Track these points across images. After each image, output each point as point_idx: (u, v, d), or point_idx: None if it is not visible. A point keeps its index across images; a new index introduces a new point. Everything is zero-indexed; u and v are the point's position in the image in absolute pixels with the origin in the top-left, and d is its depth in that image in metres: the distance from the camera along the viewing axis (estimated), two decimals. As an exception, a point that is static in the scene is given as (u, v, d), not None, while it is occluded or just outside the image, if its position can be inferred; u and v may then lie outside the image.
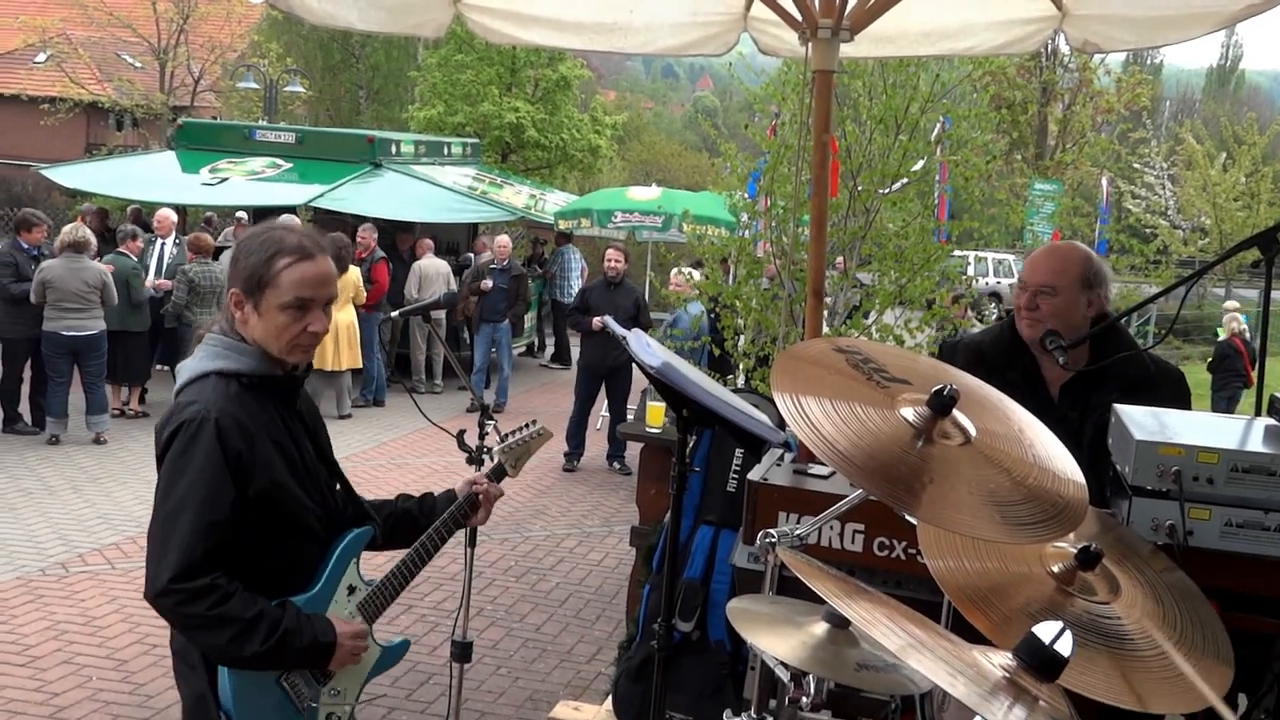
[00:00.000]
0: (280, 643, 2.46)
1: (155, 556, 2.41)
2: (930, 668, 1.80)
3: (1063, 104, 25.30)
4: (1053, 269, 3.33)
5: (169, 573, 2.37)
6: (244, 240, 2.64)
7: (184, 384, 2.56)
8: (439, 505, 3.01)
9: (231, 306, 2.58)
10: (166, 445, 2.47)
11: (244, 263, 2.56)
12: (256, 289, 2.54)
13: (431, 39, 5.43)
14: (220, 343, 2.57)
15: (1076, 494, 2.31)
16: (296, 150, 14.89)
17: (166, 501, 2.43)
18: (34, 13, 29.96)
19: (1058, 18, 4.88)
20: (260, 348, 2.56)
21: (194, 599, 2.38)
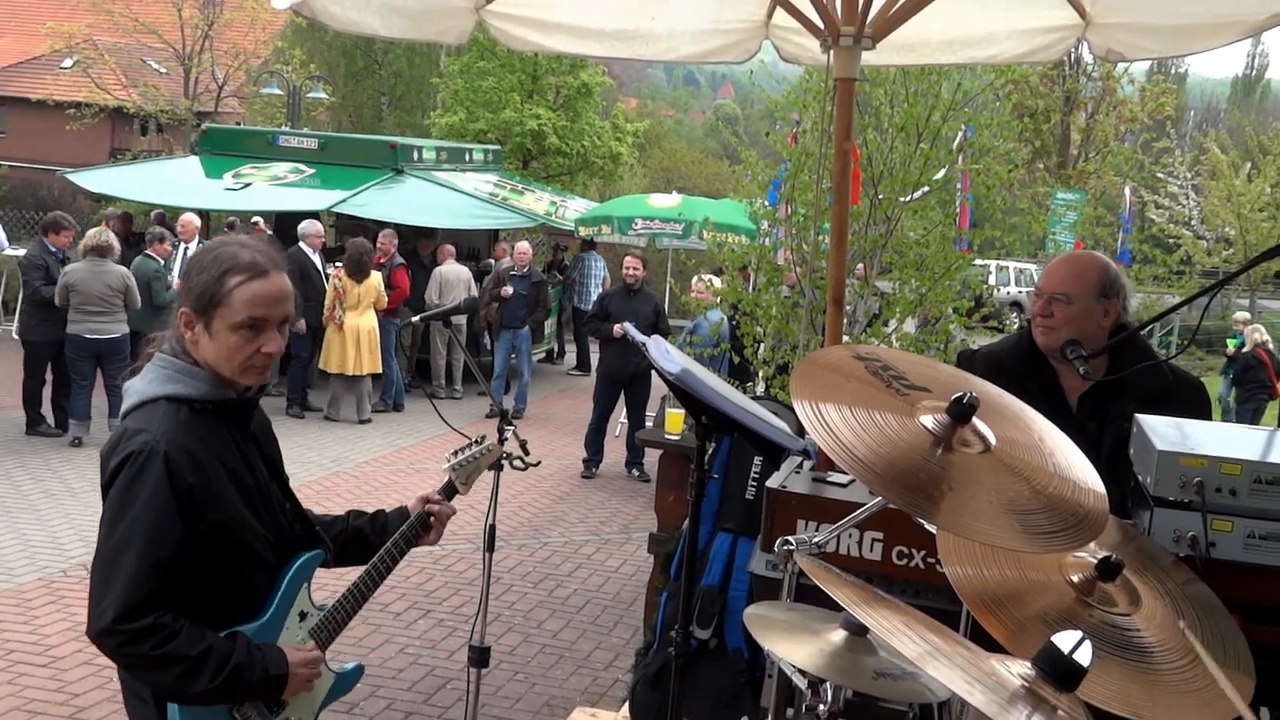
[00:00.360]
0: (230, 678, 2.35)
1: (97, 596, 2.29)
2: (949, 676, 1.79)
3: (1086, 113, 25.21)
4: (1069, 276, 3.32)
5: (111, 614, 2.25)
6: (195, 257, 2.52)
7: (131, 408, 2.43)
8: (391, 523, 2.86)
9: (181, 326, 2.44)
10: (113, 476, 2.34)
11: (195, 280, 2.43)
12: (208, 308, 2.40)
13: (454, 46, 5.45)
14: (171, 365, 2.44)
15: (1096, 503, 2.30)
16: (319, 156, 14.97)
17: (110, 538, 2.30)
18: (61, 19, 30.16)
19: (1081, 26, 4.86)
20: (212, 370, 2.43)
21: (137, 640, 2.27)
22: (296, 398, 12.10)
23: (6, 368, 12.56)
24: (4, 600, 6.34)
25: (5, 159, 33.81)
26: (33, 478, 8.88)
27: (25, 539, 7.39)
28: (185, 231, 12.58)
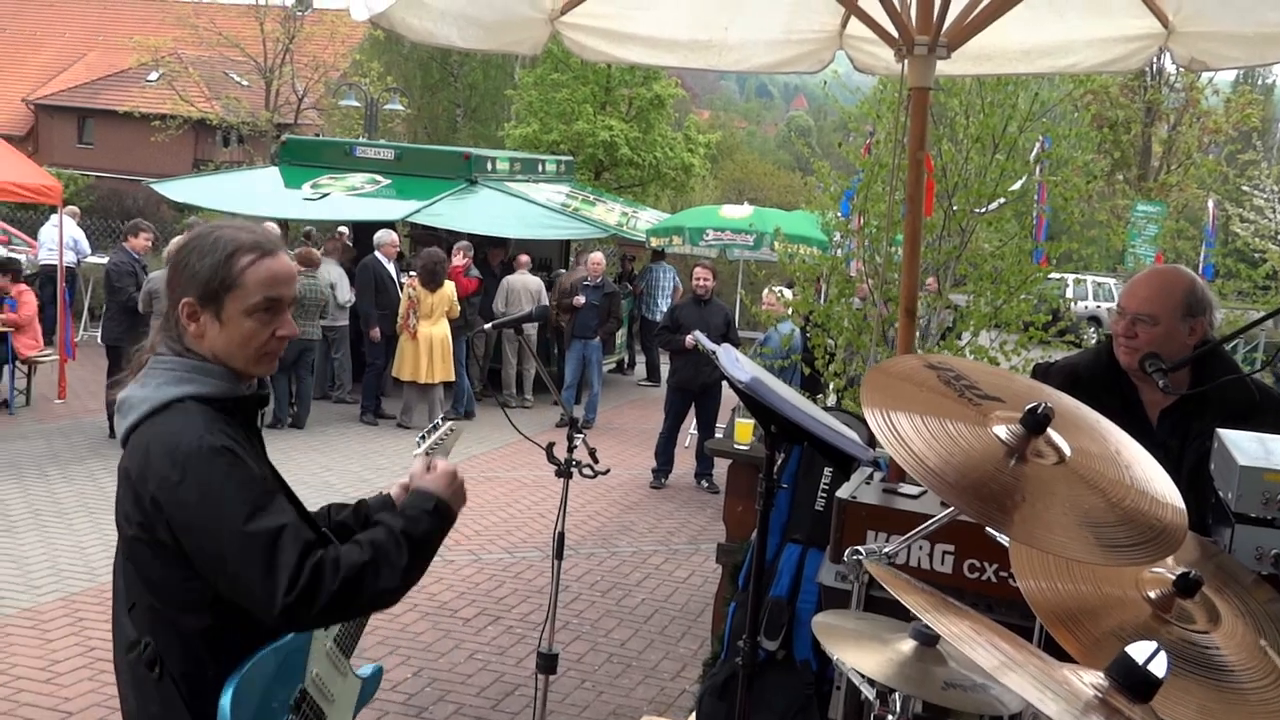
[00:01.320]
0: (414, 545, 2.20)
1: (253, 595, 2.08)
2: (1022, 685, 1.77)
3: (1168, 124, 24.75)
4: (1153, 296, 3.21)
5: (281, 592, 2.05)
6: (188, 242, 2.30)
7: (146, 415, 2.20)
8: (374, 513, 2.62)
9: (184, 319, 2.25)
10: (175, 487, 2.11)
11: (196, 265, 2.24)
12: (217, 293, 2.22)
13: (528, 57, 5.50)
14: (179, 365, 2.24)
15: (1175, 518, 2.26)
16: (395, 167, 15.16)
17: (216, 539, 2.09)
18: (148, 33, 30.97)
19: (1163, 35, 4.78)
20: (223, 364, 2.26)
21: (315, 589, 2.06)
22: (370, 405, 12.27)
23: (93, 373, 12.87)
24: (86, 598, 6.48)
25: (92, 169, 34.80)
26: (115, 479, 9.05)
27: (107, 538, 7.55)
28: (265, 240, 12.79)
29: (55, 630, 5.98)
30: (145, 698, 2.22)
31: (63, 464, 9.49)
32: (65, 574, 6.84)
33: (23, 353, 11.47)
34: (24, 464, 9.40)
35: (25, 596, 6.43)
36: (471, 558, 7.71)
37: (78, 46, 41.66)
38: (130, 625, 2.22)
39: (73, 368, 12.40)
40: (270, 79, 29.30)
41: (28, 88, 40.14)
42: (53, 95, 39.25)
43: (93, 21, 42.69)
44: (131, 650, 2.21)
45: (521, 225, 14.19)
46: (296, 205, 14.49)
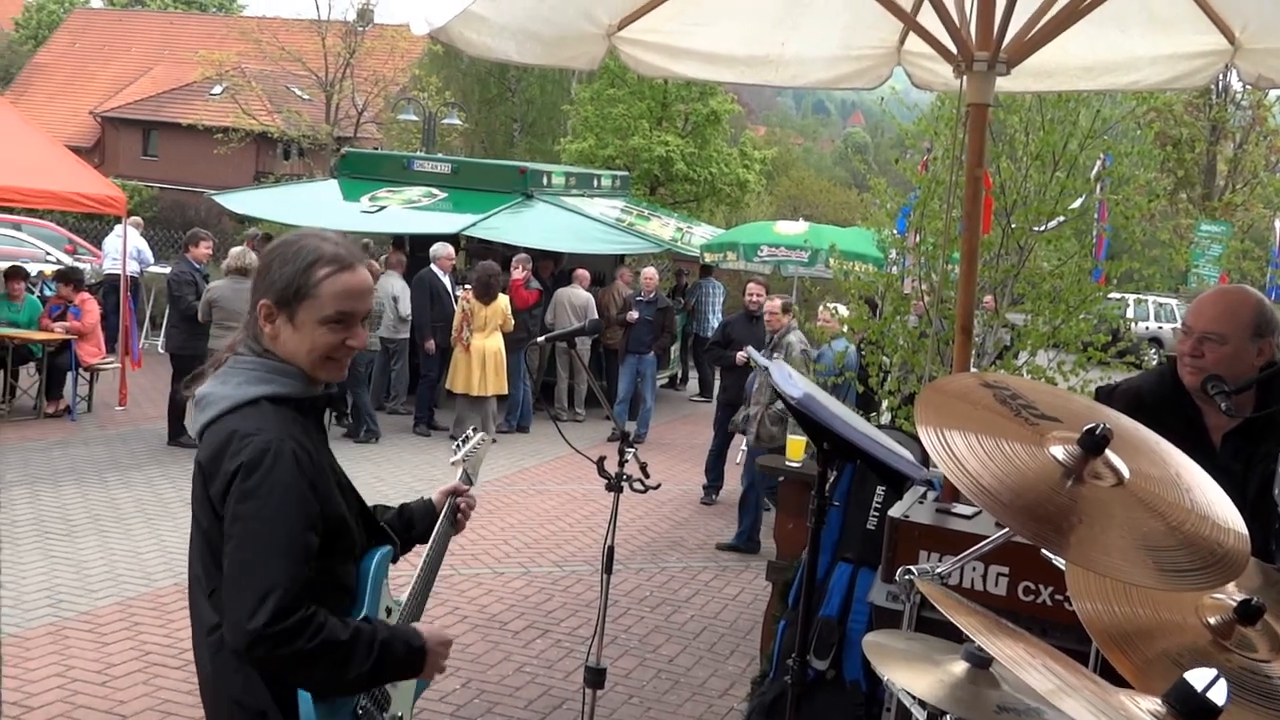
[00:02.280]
0: (379, 657, 2.28)
1: (242, 600, 2.17)
2: (1077, 710, 1.75)
3: (1234, 143, 24.36)
4: (1221, 315, 3.14)
5: (266, 615, 2.14)
6: (274, 248, 2.44)
7: (225, 411, 2.31)
8: (416, 515, 2.83)
9: (261, 320, 2.37)
10: (233, 479, 2.23)
11: (277, 272, 2.36)
12: (293, 300, 2.35)
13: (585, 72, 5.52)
14: (259, 365, 2.36)
15: (1237, 544, 2.21)
16: (451, 180, 15.26)
17: (247, 537, 2.20)
18: (212, 47, 31.57)
19: (1229, 52, 4.70)
20: (298, 367, 2.38)
21: (293, 636, 2.16)
22: (424, 416, 12.35)
23: (154, 381, 13.10)
24: (142, 603, 6.57)
25: (156, 181, 35.44)
26: (173, 486, 9.20)
27: (164, 545, 7.66)
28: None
29: (111, 634, 6.06)
30: (227, 680, 2.31)
31: (122, 470, 9.64)
32: (122, 579, 6.94)
33: (85, 360, 11.71)
34: (85, 470, 9.56)
35: (83, 600, 6.53)
36: (521, 570, 7.73)
37: (144, 61, 42.49)
38: (210, 610, 2.31)
39: (134, 375, 12.62)
40: (331, 93, 29.72)
41: (95, 100, 40.99)
42: (119, 108, 40.02)
43: (159, 36, 43.58)
44: (213, 633, 2.30)
45: (576, 239, 14.24)
46: (355, 218, 14.63)
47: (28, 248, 19.32)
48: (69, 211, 16.48)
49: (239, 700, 2.31)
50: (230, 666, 2.28)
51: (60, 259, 18.68)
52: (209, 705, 2.42)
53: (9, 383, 11.63)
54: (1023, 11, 4.04)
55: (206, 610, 2.33)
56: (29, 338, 11.32)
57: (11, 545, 7.27)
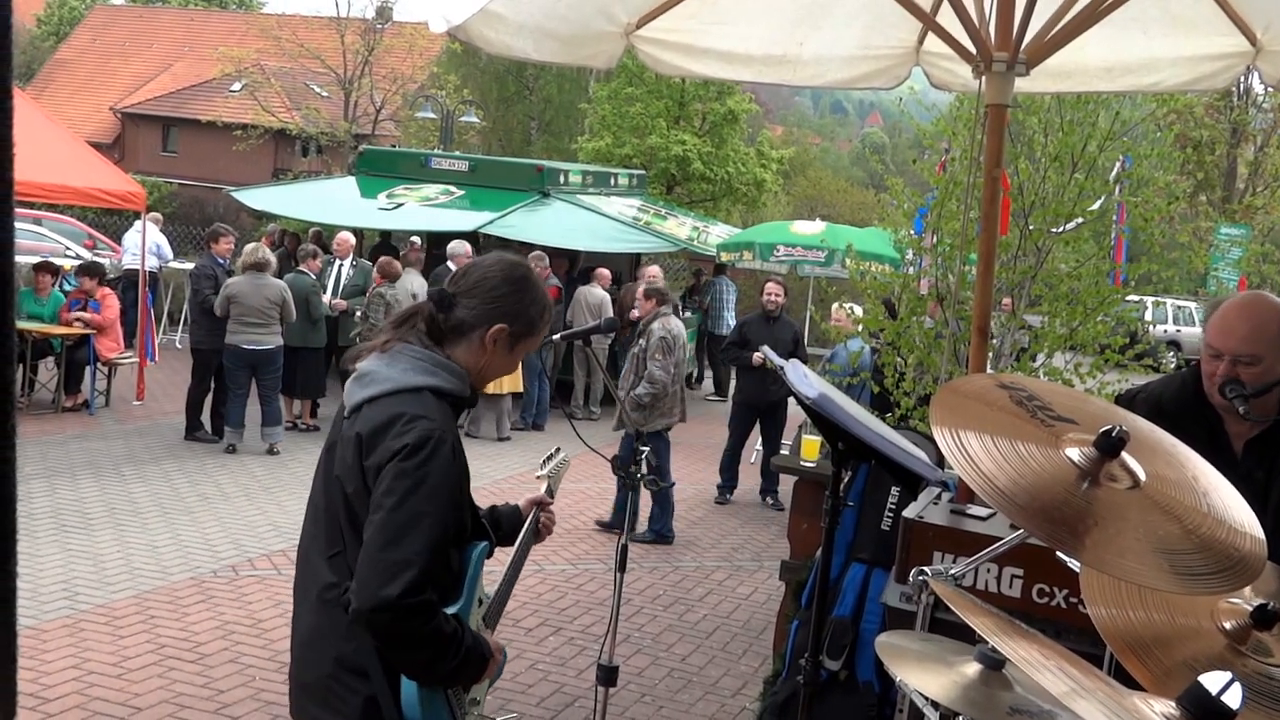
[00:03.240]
0: (463, 660, 2.46)
1: (381, 568, 2.32)
2: (1091, 713, 1.74)
3: (1255, 145, 24.18)
4: (1252, 334, 3.01)
5: (400, 588, 2.29)
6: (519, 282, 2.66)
7: (389, 391, 2.49)
8: (503, 518, 3.03)
9: (488, 339, 2.59)
10: (396, 456, 2.39)
11: (524, 308, 2.64)
12: (524, 335, 2.64)
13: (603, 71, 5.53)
14: (429, 359, 2.54)
15: (1254, 548, 2.20)
16: (469, 178, 15.30)
17: (398, 511, 2.36)
18: (232, 45, 31.65)
19: (1251, 54, 4.67)
20: (464, 370, 2.59)
21: (413, 615, 2.33)
22: (440, 414, 12.35)
23: (172, 376, 13.17)
24: (157, 597, 6.60)
25: (175, 177, 35.53)
26: (189, 481, 9.25)
27: (180, 539, 7.70)
28: (341, 249, 12.98)
29: (127, 627, 6.09)
30: (337, 635, 2.47)
31: (139, 464, 9.69)
32: (138, 573, 6.97)
33: (104, 355, 11.76)
34: (102, 464, 9.61)
35: (99, 593, 6.56)
36: (535, 568, 7.73)
37: (165, 57, 42.62)
38: (329, 569, 2.49)
39: (151, 370, 12.69)
40: (349, 90, 29.75)
41: (116, 97, 41.13)
42: (139, 104, 40.14)
43: (180, 33, 43.73)
44: (329, 591, 2.48)
45: (592, 238, 14.25)
46: (372, 215, 14.69)
47: (48, 243, 19.42)
48: (89, 207, 16.59)
49: (343, 657, 2.47)
50: (340, 625, 2.43)
51: (80, 254, 18.78)
52: (307, 659, 2.56)
53: (28, 376, 11.70)
54: (1042, 12, 4.02)
55: (324, 570, 2.50)
56: (48, 331, 11.39)
57: (29, 538, 7.30)
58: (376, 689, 2.45)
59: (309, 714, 2.57)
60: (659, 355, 8.40)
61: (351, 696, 2.47)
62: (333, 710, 2.50)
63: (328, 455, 2.59)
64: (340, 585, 2.44)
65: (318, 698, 2.52)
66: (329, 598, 2.47)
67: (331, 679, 2.48)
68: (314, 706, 2.54)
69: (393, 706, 2.45)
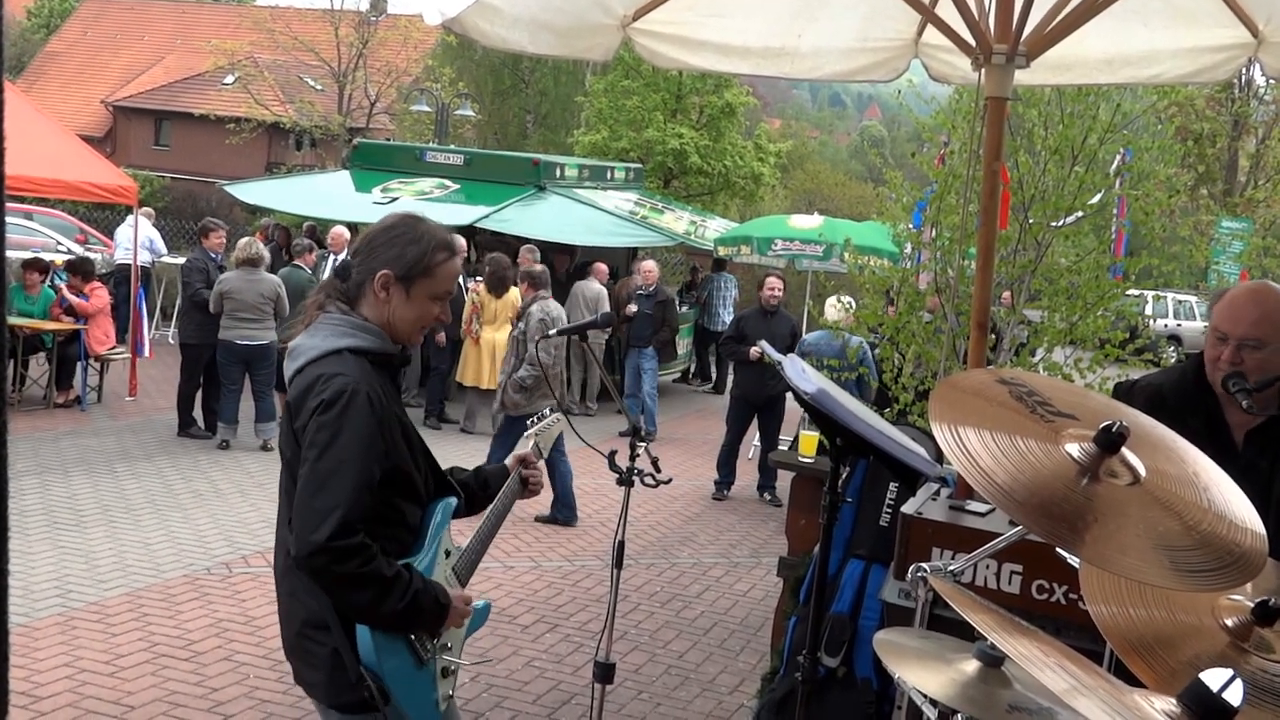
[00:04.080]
0: (412, 601, 2.57)
1: (310, 515, 2.47)
2: (1091, 710, 1.73)
3: (1256, 138, 24.10)
4: (1261, 319, 3.04)
5: (327, 530, 2.44)
6: (394, 227, 2.77)
7: (312, 359, 2.65)
8: (491, 478, 3.15)
9: (376, 287, 2.71)
10: (315, 412, 2.56)
11: (401, 250, 2.71)
12: (413, 276, 2.71)
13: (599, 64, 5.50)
14: (345, 322, 2.70)
15: (1254, 543, 2.19)
16: (464, 172, 15.25)
17: (321, 461, 2.51)
18: (225, 37, 31.49)
19: (1253, 45, 4.64)
20: (379, 328, 2.72)
21: (348, 556, 2.46)
22: (434, 409, 12.31)
23: (165, 371, 13.09)
24: (151, 594, 6.56)
25: (168, 171, 35.41)
26: (182, 477, 9.21)
27: (173, 536, 7.66)
28: (335, 243, 12.93)
29: (120, 625, 6.06)
30: (302, 594, 2.64)
31: (132, 461, 9.64)
32: (131, 570, 6.93)
33: (94, 349, 11.68)
34: (94, 460, 9.56)
35: (92, 591, 6.52)
36: (531, 564, 7.71)
37: (157, 50, 42.39)
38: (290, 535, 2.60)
39: (144, 366, 12.62)
40: (343, 83, 29.64)
41: (107, 89, 40.87)
42: (131, 97, 39.86)
43: (172, 25, 43.45)
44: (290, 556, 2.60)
45: (589, 232, 14.21)
46: (366, 209, 14.60)
47: (39, 237, 19.33)
48: (80, 201, 16.47)
49: (309, 614, 2.64)
50: (305, 585, 2.60)
51: (71, 249, 18.68)
52: (284, 622, 2.75)
53: (19, 372, 11.62)
54: (1042, 4, 4.00)
55: (287, 537, 2.60)
56: (38, 327, 11.31)
57: (20, 535, 7.27)
58: (337, 640, 2.59)
59: (297, 675, 2.75)
60: (538, 336, 8.42)
61: (319, 649, 2.64)
62: (310, 666, 2.68)
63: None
64: None
65: (298, 656, 2.72)
66: (291, 562, 2.60)
67: (301, 637, 2.68)
68: (297, 665, 2.73)
69: (353, 655, 2.59)
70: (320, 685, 2.67)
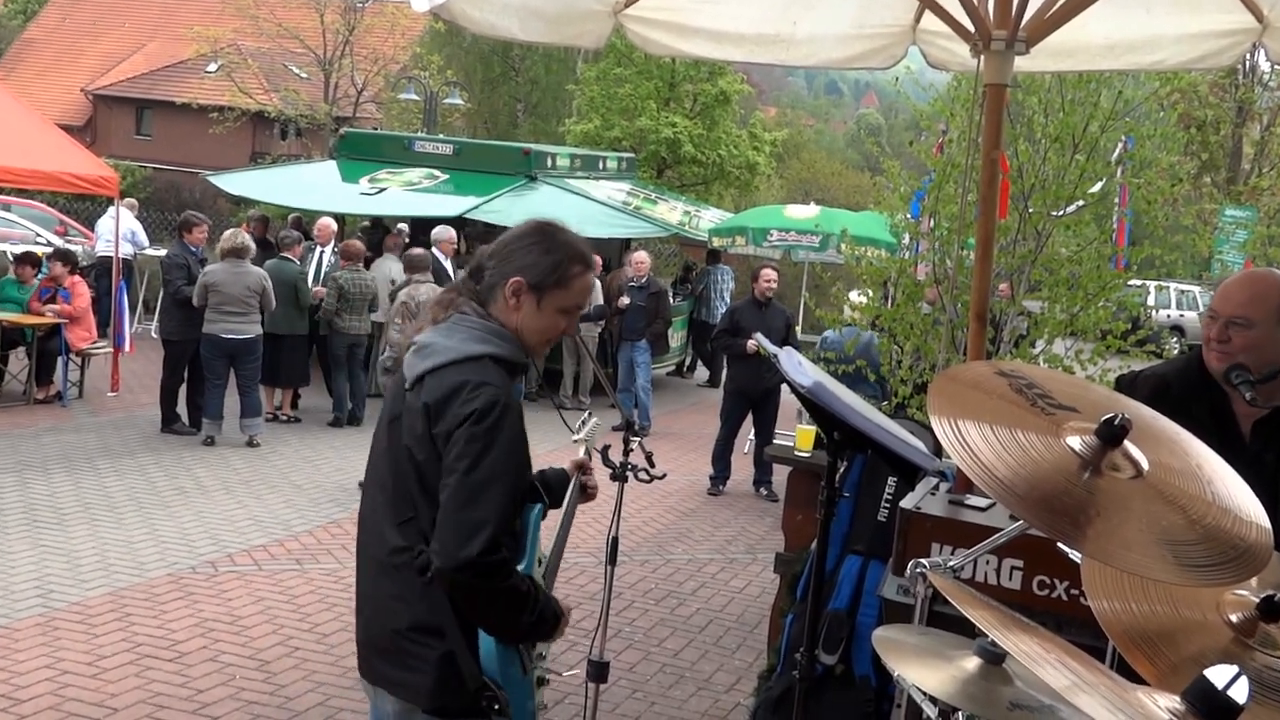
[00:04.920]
0: (540, 615, 2.61)
1: (460, 529, 2.46)
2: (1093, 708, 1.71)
3: (1260, 125, 23.99)
4: (1249, 299, 3.05)
5: (480, 545, 2.43)
6: (532, 234, 2.74)
7: (451, 361, 2.59)
8: (551, 481, 3.17)
9: (507, 294, 2.67)
10: (464, 421, 2.51)
11: (538, 258, 2.69)
12: (546, 286, 2.68)
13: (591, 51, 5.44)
14: (482, 326, 2.66)
15: (1260, 537, 2.19)
16: (453, 162, 15.14)
17: (472, 474, 2.48)
18: (207, 24, 31.20)
19: (1257, 30, 4.58)
20: (516, 335, 2.70)
21: (493, 572, 2.47)
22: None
23: (147, 366, 12.95)
24: (134, 594, 6.47)
25: (150, 161, 35.15)
26: (166, 474, 9.11)
27: (157, 534, 7.57)
28: (322, 235, 12.84)
29: (102, 625, 5.96)
30: (411, 596, 2.60)
31: (114, 457, 9.53)
32: (114, 569, 6.84)
33: (76, 344, 11.52)
34: (75, 457, 9.44)
35: (74, 590, 6.43)
36: (525, 558, 7.64)
37: (137, 37, 41.93)
38: (399, 535, 2.60)
39: (126, 360, 12.46)
40: (329, 71, 29.46)
41: (87, 78, 40.40)
42: (111, 86, 39.45)
43: (153, 12, 42.84)
44: (400, 555, 2.60)
45: (581, 223, 13.84)
46: (354, 200, 14.53)
47: (18, 229, 19.16)
48: (60, 192, 16.38)
49: (418, 617, 2.59)
50: (413, 587, 2.57)
51: (51, 240, 18.46)
52: (378, 621, 2.68)
53: (-1, 368, 11.53)
54: (1042, -12, 3.93)
55: (393, 536, 2.60)
56: (17, 321, 11.20)
57: (0, 534, 7.19)
58: (453, 645, 2.57)
59: (379, 673, 2.69)
60: (398, 319, 8.81)
61: (427, 653, 2.59)
62: (408, 668, 2.62)
63: (391, 426, 2.68)
64: (412, 549, 2.57)
65: (390, 657, 2.65)
66: (399, 562, 2.59)
67: (404, 638, 2.61)
68: (386, 666, 2.66)
69: (471, 661, 2.60)
70: (421, 688, 2.62)
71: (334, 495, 8.86)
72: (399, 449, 2.62)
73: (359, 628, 2.76)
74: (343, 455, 10.10)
